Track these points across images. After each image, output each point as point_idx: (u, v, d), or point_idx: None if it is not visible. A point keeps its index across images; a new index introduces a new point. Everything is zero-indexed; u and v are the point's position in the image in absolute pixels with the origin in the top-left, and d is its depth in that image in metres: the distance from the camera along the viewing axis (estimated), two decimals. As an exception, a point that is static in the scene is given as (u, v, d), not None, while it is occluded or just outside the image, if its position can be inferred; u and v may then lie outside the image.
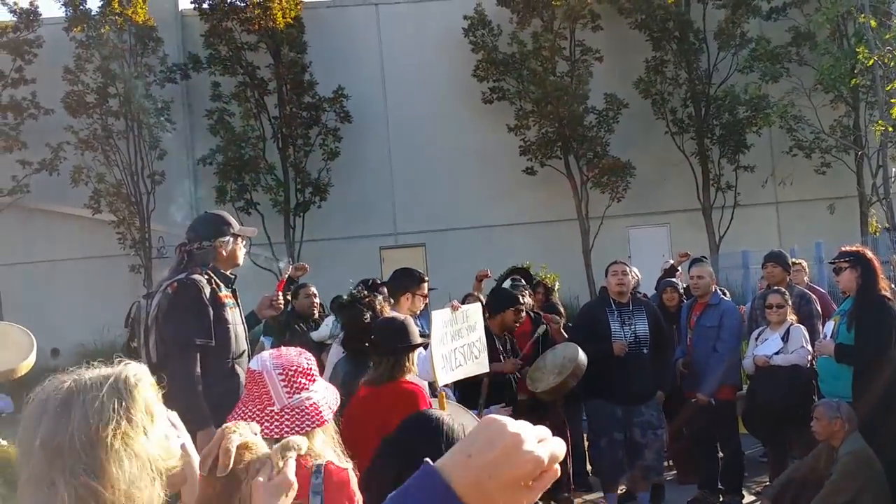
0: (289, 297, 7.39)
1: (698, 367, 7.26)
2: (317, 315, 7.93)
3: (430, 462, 1.13)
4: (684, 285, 8.66)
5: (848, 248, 6.13)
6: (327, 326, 7.43)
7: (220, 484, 1.73)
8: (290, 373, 2.57)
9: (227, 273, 4.67)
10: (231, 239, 4.63)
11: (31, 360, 4.92)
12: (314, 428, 2.55)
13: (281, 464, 1.76)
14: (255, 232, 5.34)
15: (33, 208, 18.66)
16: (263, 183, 18.34)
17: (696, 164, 18.38)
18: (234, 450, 1.71)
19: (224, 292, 4.55)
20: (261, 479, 1.71)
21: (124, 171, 18.10)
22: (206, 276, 4.48)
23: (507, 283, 7.41)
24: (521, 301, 6.80)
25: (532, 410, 6.62)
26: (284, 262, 6.02)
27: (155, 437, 1.68)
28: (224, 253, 4.60)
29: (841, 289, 6.24)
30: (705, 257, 8.89)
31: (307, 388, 2.59)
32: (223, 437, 1.75)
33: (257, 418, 2.55)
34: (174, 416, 1.83)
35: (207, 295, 4.40)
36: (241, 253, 4.72)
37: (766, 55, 17.66)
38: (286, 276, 5.71)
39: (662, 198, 18.71)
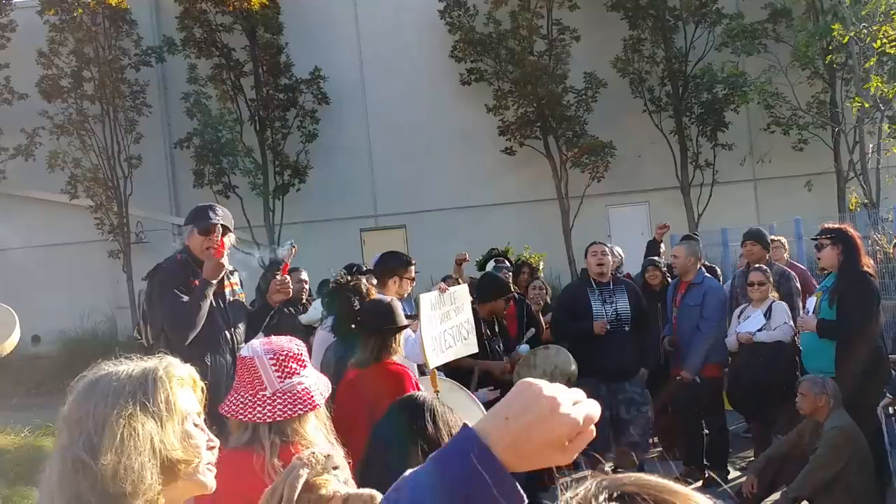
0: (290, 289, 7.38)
1: (682, 346, 7.35)
2: (304, 299, 7.93)
3: (469, 425, 1.17)
4: (667, 262, 8.73)
5: (830, 225, 6.21)
6: (316, 310, 7.44)
7: None
8: (282, 357, 2.59)
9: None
10: (190, 229, 4.66)
11: (15, 338, 4.89)
12: (306, 412, 2.57)
13: None
14: (209, 224, 4.92)
15: (10, 194, 18.40)
16: (241, 166, 18.21)
17: (674, 143, 18.43)
18: (299, 487, 1.73)
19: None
20: None
21: (101, 155, 17.88)
22: (185, 262, 4.56)
23: (490, 266, 7.45)
24: (512, 290, 6.87)
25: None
26: (287, 247, 5.96)
27: (170, 430, 1.75)
28: (187, 242, 4.67)
29: (822, 265, 6.31)
30: (695, 235, 8.96)
31: (298, 374, 2.61)
32: (292, 472, 1.77)
33: (249, 404, 2.57)
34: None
35: (181, 281, 4.48)
36: (202, 247, 4.62)
37: (742, 32, 17.71)
38: (289, 259, 5.67)
39: (641, 176, 18.77)
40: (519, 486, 1.12)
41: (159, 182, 19.10)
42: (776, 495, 6.06)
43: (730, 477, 7.28)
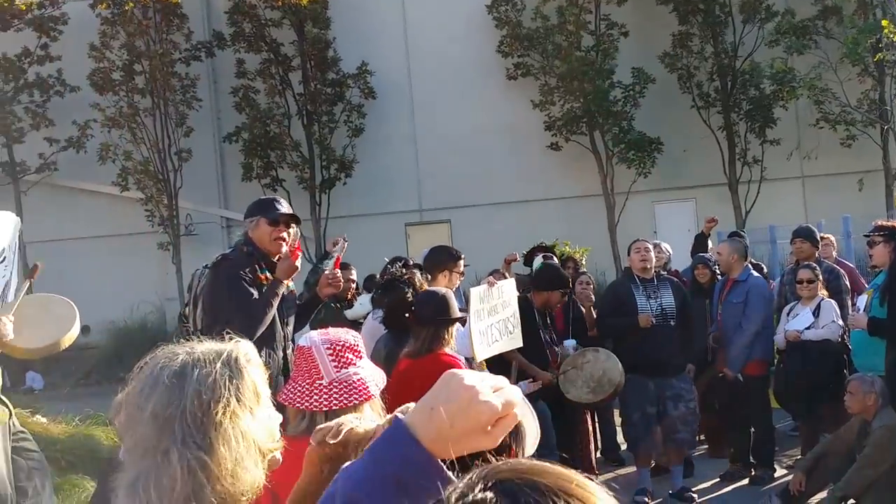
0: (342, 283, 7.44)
1: (726, 343, 7.31)
2: (350, 296, 8.00)
3: (400, 416, 1.25)
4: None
5: (883, 223, 6.14)
6: (361, 306, 7.50)
7: (331, 452, 1.75)
8: (338, 348, 2.62)
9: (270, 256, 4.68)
10: (257, 221, 4.61)
11: (75, 332, 4.97)
12: (362, 402, 2.59)
13: None
14: (278, 214, 5.11)
15: (61, 186, 18.79)
16: (289, 160, 18.42)
17: (722, 139, 18.24)
18: (347, 426, 1.74)
19: (265, 273, 4.60)
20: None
21: (151, 148, 18.16)
22: (250, 255, 4.56)
23: (538, 261, 7.46)
24: (569, 284, 6.92)
25: (559, 387, 6.72)
26: (341, 242, 6.03)
27: (260, 419, 1.71)
28: (251, 234, 4.64)
29: (873, 263, 6.25)
30: (741, 233, 8.88)
31: (354, 364, 2.64)
32: (340, 420, 1.78)
33: (306, 392, 2.62)
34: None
35: (246, 273, 4.47)
36: (270, 238, 4.63)
37: (792, 28, 17.46)
38: (341, 253, 5.73)
39: (688, 173, 18.59)
40: (446, 470, 1.18)
41: (208, 175, 19.35)
42: (823, 493, 6.02)
43: (776, 475, 7.24)
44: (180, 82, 18.28)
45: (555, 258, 7.86)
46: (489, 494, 0.96)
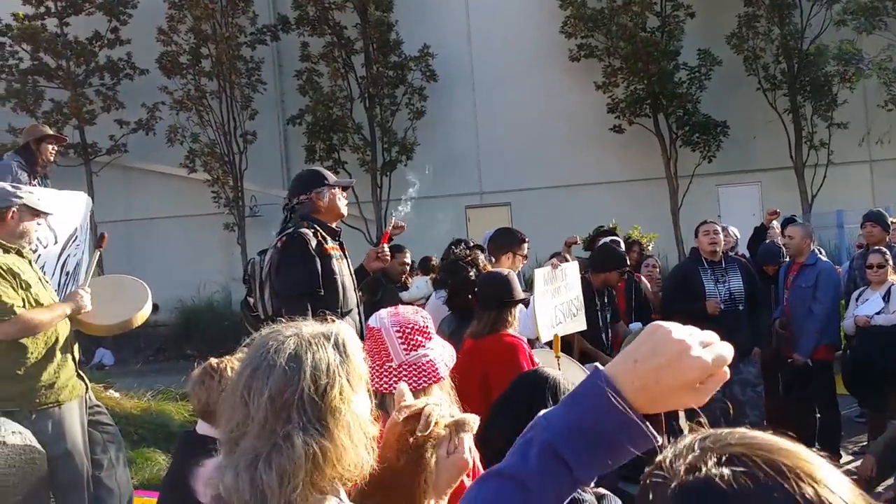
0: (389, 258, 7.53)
1: (794, 328, 7.19)
2: (404, 280, 8.06)
3: (601, 368, 1.20)
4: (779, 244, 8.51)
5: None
6: (417, 288, 7.56)
7: (406, 457, 1.75)
8: (408, 330, 2.62)
9: (333, 226, 4.78)
10: (325, 190, 4.70)
11: (147, 310, 5.11)
12: (430, 384, 2.59)
13: (457, 441, 1.77)
14: (353, 182, 5.47)
15: (131, 167, 19.25)
16: (351, 142, 18.56)
17: (788, 122, 17.82)
18: (434, 417, 1.73)
19: (330, 244, 4.67)
20: (441, 452, 1.74)
21: (217, 130, 18.50)
22: (313, 230, 4.62)
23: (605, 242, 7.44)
24: (627, 263, 6.88)
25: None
26: (399, 212, 6.11)
27: (364, 403, 1.73)
28: (321, 204, 4.69)
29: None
30: (796, 216, 8.74)
31: (423, 346, 2.63)
32: (426, 404, 1.77)
33: (376, 374, 2.63)
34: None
35: (314, 246, 4.53)
36: (342, 203, 4.80)
37: (860, 9, 16.92)
38: (390, 228, 5.79)
39: (754, 156, 18.24)
40: (650, 427, 1.14)
41: (272, 158, 19.61)
42: (890, 480, 5.89)
43: (842, 461, 7.10)
44: (245, 66, 18.54)
45: (620, 241, 7.83)
46: (725, 471, 0.89)
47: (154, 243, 19.20)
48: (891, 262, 6.98)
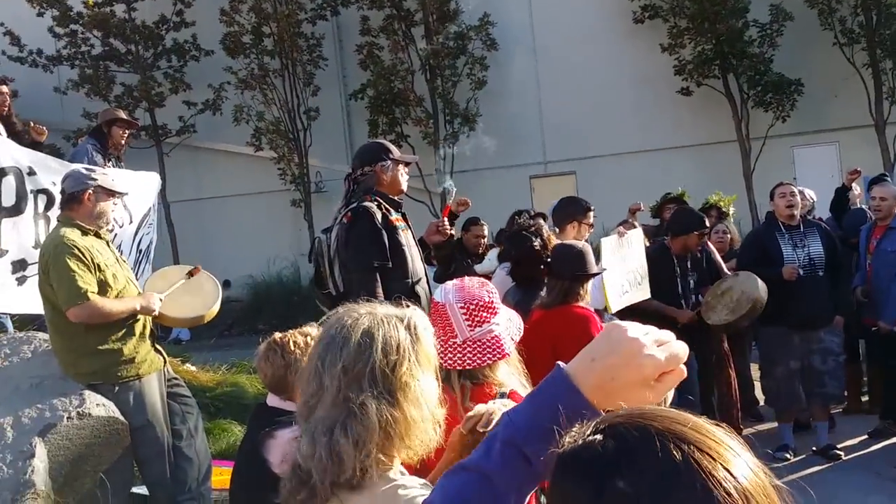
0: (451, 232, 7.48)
1: (879, 294, 6.86)
2: (481, 251, 7.98)
3: (562, 365, 1.27)
4: (861, 206, 8.17)
5: None
6: (490, 261, 7.48)
7: (473, 440, 1.80)
8: (472, 307, 2.59)
9: (395, 198, 4.77)
10: (391, 164, 4.71)
11: (217, 307, 5.30)
12: (496, 360, 2.57)
13: None
14: (416, 158, 5.42)
15: (200, 147, 19.57)
16: (413, 115, 18.50)
17: (867, 77, 17.06)
18: (497, 414, 1.78)
19: (395, 216, 4.68)
20: None
21: (282, 108, 18.66)
22: (376, 202, 4.59)
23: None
24: (706, 224, 6.67)
25: (691, 341, 6.49)
26: (449, 184, 6.08)
27: (432, 384, 1.80)
28: (385, 178, 4.69)
29: None
30: (887, 175, 8.33)
31: (489, 322, 2.60)
32: (492, 409, 1.83)
33: (441, 349, 2.60)
34: None
35: (379, 219, 4.54)
36: (404, 178, 4.80)
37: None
38: (450, 201, 5.75)
39: (831, 115, 17.53)
40: None
41: (336, 133, 19.69)
42: None
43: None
44: (306, 42, 18.61)
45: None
46: (597, 437, 0.97)
47: (224, 221, 19.54)
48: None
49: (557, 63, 18.70)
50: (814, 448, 6.64)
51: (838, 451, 6.55)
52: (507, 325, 2.66)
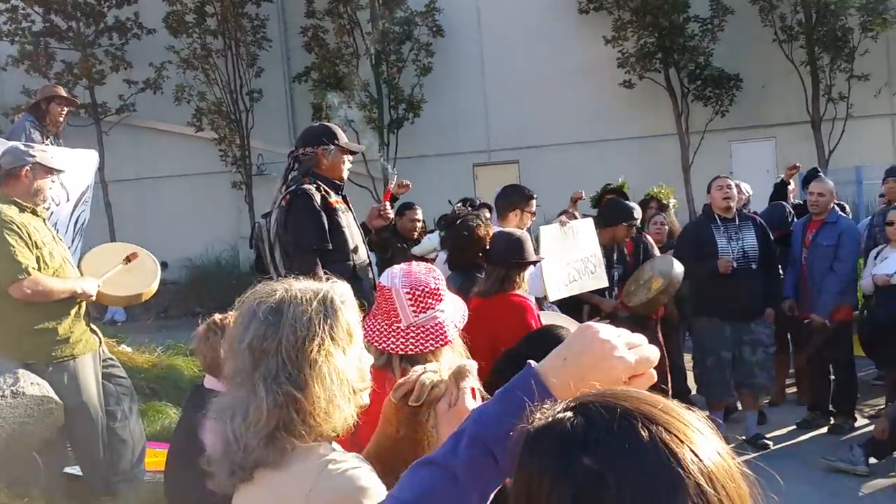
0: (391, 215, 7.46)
1: (813, 287, 7.01)
2: (417, 236, 7.97)
3: (533, 364, 1.28)
4: (798, 201, 8.35)
5: None
6: (430, 241, 7.48)
7: (407, 411, 1.75)
8: (418, 293, 2.57)
9: (336, 181, 4.73)
10: (334, 149, 4.66)
11: (155, 286, 5.25)
12: (439, 347, 2.56)
13: (457, 392, 1.74)
14: (363, 147, 5.38)
15: (139, 126, 19.22)
16: (357, 100, 18.39)
17: (805, 74, 17.45)
18: (429, 385, 1.72)
19: (334, 198, 4.64)
20: (443, 405, 1.71)
21: (224, 89, 18.44)
22: (315, 185, 4.56)
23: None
24: (635, 217, 6.74)
25: (630, 328, 6.60)
26: (392, 169, 6.07)
27: (351, 358, 1.75)
28: (325, 161, 4.65)
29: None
30: (819, 170, 8.53)
31: (434, 308, 2.59)
32: (421, 373, 1.75)
33: (383, 334, 2.59)
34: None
35: (318, 201, 4.51)
36: (345, 166, 4.74)
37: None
38: (392, 185, 5.75)
39: (769, 110, 17.91)
40: None
41: (279, 115, 19.49)
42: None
43: (857, 424, 7.03)
44: (250, 23, 18.37)
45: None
46: (567, 414, 0.98)
47: (163, 202, 19.25)
48: (912, 219, 6.82)
49: (503, 52, 18.75)
50: (743, 437, 6.80)
51: (767, 441, 6.72)
52: (452, 312, 2.66)
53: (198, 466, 1.75)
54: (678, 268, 6.39)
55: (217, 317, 3.30)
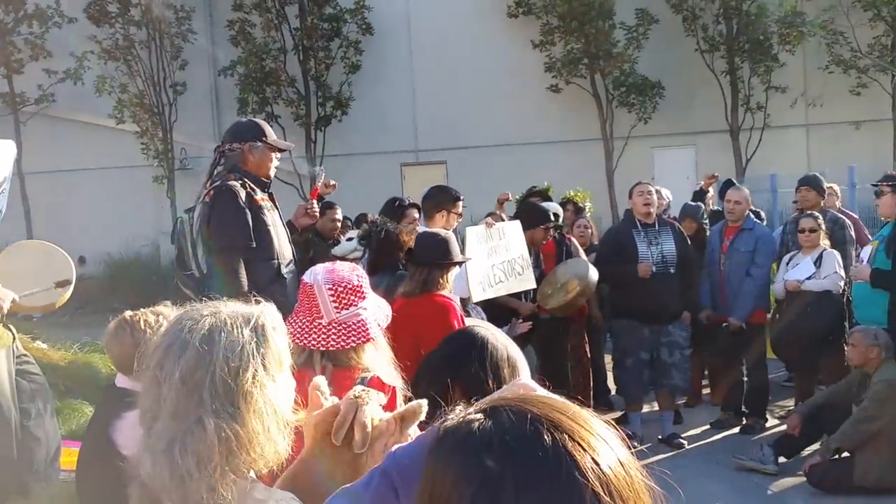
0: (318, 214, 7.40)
1: (731, 292, 7.19)
2: (337, 237, 7.92)
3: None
4: (715, 208, 8.58)
5: (893, 173, 6.06)
6: (350, 241, 7.44)
7: (348, 455, 1.65)
8: (340, 289, 2.58)
9: (262, 178, 4.66)
10: (261, 146, 4.59)
11: (69, 292, 5.08)
12: (360, 343, 2.57)
13: (401, 437, 1.67)
14: (292, 146, 5.31)
15: (59, 117, 18.64)
16: (284, 96, 18.19)
17: (725, 84, 17.96)
18: (370, 426, 1.63)
19: (260, 195, 4.57)
20: (378, 448, 1.65)
21: (147, 81, 18.01)
22: (241, 181, 4.49)
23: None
24: (552, 221, 6.81)
25: (553, 329, 6.70)
26: (319, 168, 6.02)
27: (282, 386, 1.67)
28: (251, 158, 4.58)
29: (881, 213, 6.17)
30: (733, 180, 8.79)
31: (356, 305, 2.60)
32: (357, 410, 1.64)
33: (305, 330, 2.59)
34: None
35: (243, 198, 4.43)
36: (272, 164, 4.68)
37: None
38: (319, 183, 5.70)
39: (690, 118, 18.34)
40: None
41: (203, 109, 19.14)
42: (816, 445, 6.04)
43: (768, 425, 7.26)
44: (175, 14, 17.97)
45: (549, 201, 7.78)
46: (479, 416, 1.00)
47: (82, 196, 18.71)
48: (823, 226, 7.05)
49: (432, 52, 18.78)
50: (659, 437, 6.96)
51: (682, 440, 6.89)
52: (375, 310, 2.67)
53: (111, 467, 1.69)
54: (593, 270, 6.51)
55: (127, 313, 3.22)
